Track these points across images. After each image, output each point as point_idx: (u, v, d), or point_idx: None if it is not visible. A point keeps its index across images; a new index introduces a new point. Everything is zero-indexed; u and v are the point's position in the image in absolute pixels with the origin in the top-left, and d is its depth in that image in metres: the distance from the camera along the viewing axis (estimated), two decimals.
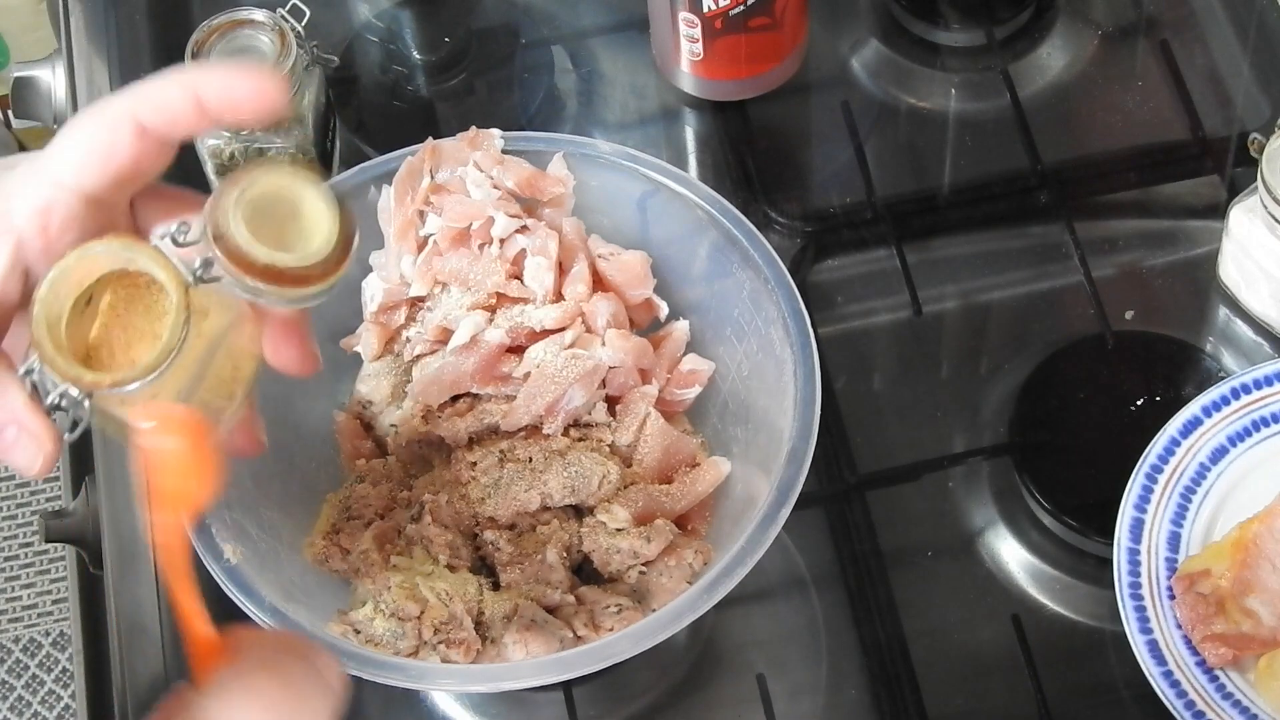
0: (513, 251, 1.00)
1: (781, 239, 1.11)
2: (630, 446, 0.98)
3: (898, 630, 0.98)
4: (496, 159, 1.02)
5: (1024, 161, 1.14)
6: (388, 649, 0.91)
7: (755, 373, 0.98)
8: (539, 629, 0.91)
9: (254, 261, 0.68)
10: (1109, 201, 1.15)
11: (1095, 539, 0.99)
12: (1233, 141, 1.14)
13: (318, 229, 0.71)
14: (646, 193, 1.02)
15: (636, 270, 1.01)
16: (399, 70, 1.21)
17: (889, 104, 1.19)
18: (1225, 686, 0.92)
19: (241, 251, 0.68)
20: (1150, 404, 1.03)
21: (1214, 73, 1.18)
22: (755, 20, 1.11)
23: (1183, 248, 1.13)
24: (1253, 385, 1.00)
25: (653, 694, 0.99)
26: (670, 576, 0.94)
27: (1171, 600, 0.94)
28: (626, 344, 0.98)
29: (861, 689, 0.98)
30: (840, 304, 1.10)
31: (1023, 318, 1.11)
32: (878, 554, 1.01)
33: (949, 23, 1.20)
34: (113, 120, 0.70)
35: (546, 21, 1.23)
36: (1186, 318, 1.09)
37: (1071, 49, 1.20)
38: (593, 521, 0.95)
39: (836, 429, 1.04)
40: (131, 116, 0.70)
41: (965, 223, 1.14)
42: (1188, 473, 0.98)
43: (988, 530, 1.02)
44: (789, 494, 0.90)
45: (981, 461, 1.04)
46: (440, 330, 0.99)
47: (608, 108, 1.19)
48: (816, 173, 1.18)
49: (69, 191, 0.70)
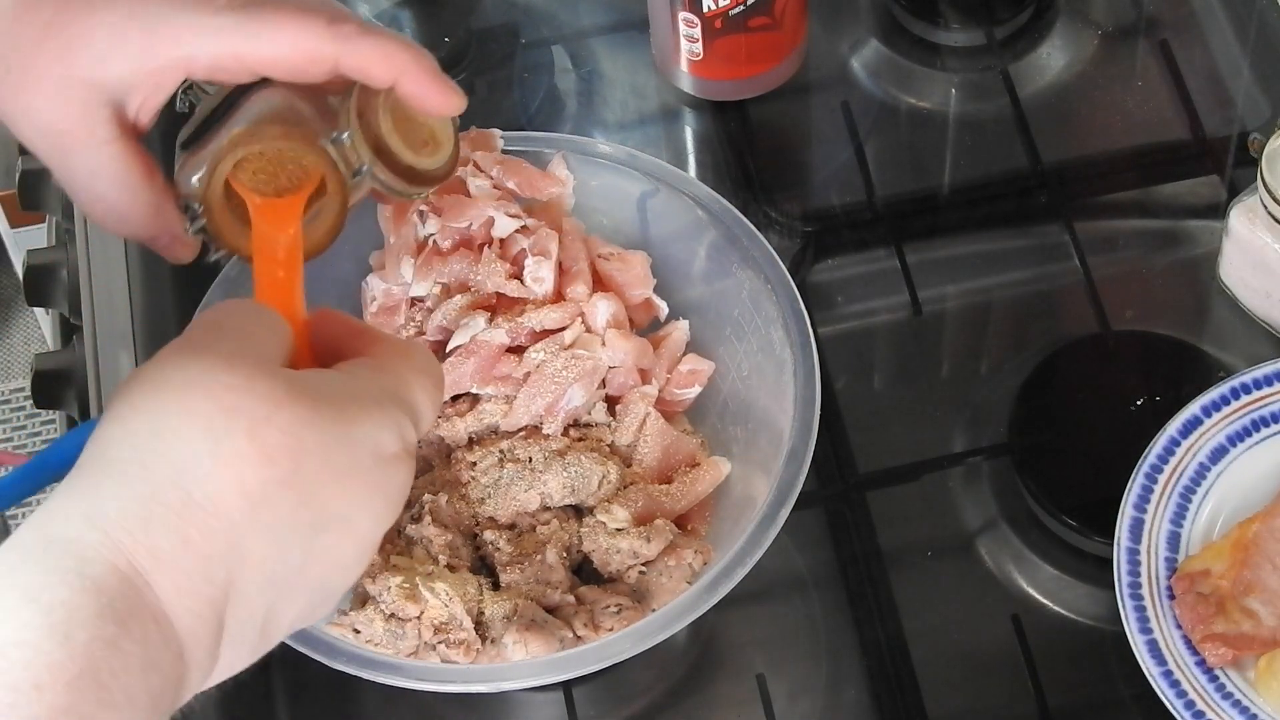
0: (513, 251, 1.00)
1: (781, 239, 1.11)
2: (630, 446, 0.98)
3: (898, 630, 0.98)
4: (496, 159, 1.02)
5: (1024, 161, 1.14)
6: (388, 649, 0.91)
7: (755, 373, 0.98)
8: (539, 629, 0.91)
9: (399, 163, 0.83)
10: (1109, 201, 1.15)
11: (1095, 539, 0.99)
12: (1233, 141, 1.14)
13: (442, 136, 0.86)
14: (646, 193, 1.02)
15: (636, 270, 1.01)
16: None
17: (889, 104, 1.19)
18: (1225, 686, 0.92)
19: (393, 156, 0.83)
20: (1150, 404, 1.03)
21: (1214, 73, 1.18)
22: (755, 20, 1.11)
23: (1183, 248, 1.13)
24: (1253, 385, 1.00)
25: (653, 694, 0.99)
26: (670, 576, 0.94)
27: (1171, 600, 0.94)
28: (626, 344, 0.98)
29: (861, 689, 0.98)
30: (840, 304, 1.10)
31: (1023, 318, 1.11)
32: (877, 554, 1.01)
33: (949, 23, 1.20)
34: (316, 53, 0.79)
35: (546, 21, 1.23)
36: (1186, 318, 1.09)
37: (1071, 49, 1.20)
38: (592, 521, 0.95)
39: (836, 429, 1.04)
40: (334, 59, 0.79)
41: (965, 223, 1.14)
42: (1187, 472, 0.98)
43: (988, 530, 1.02)
44: (789, 494, 0.90)
45: (981, 461, 1.04)
46: (440, 330, 0.99)
47: (608, 108, 1.19)
48: (816, 173, 1.18)
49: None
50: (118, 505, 0.61)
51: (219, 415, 0.63)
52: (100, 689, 0.57)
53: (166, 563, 0.61)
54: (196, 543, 0.61)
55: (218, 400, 0.63)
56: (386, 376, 0.70)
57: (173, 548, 0.61)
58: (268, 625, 0.65)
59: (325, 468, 0.65)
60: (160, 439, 0.63)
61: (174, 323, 1.08)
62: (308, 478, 0.64)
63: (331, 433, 0.65)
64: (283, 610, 0.66)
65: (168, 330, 1.08)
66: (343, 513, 0.66)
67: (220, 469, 0.62)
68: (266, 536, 0.63)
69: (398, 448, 0.68)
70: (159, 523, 0.61)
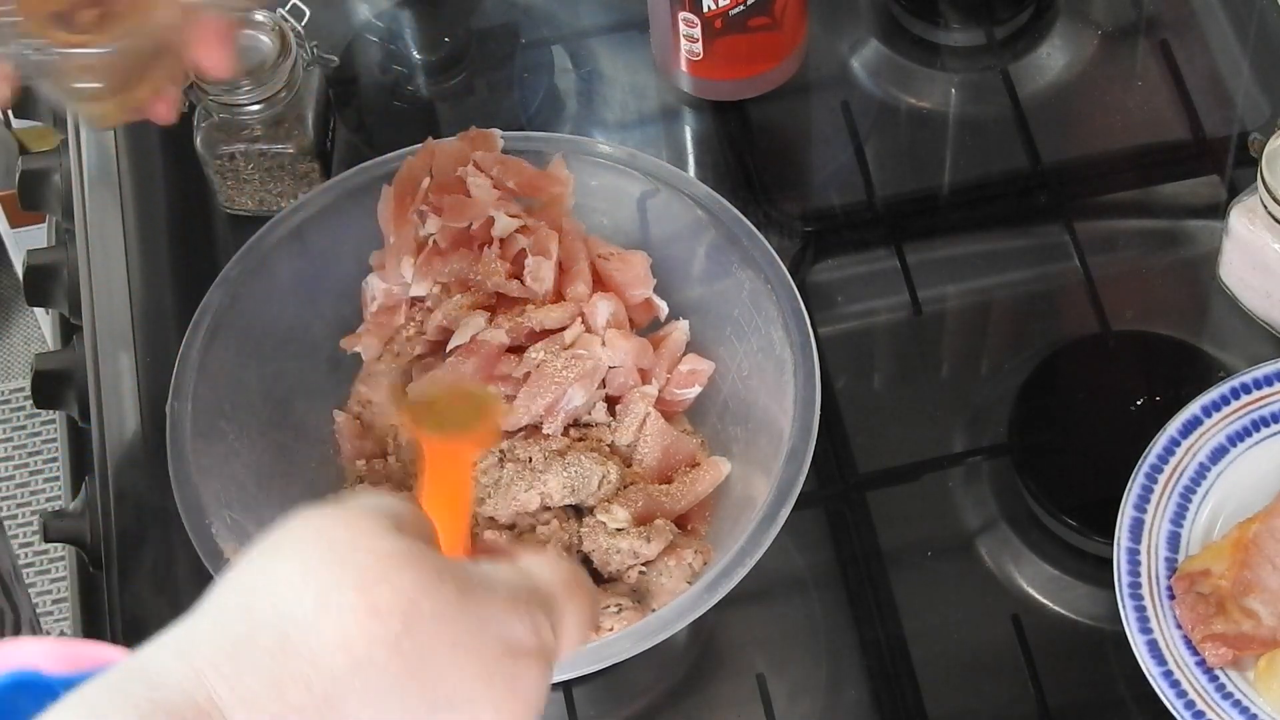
0: (513, 251, 1.00)
1: (781, 239, 1.11)
2: (630, 446, 0.98)
3: (898, 630, 0.98)
4: (496, 159, 1.02)
5: (1024, 161, 1.14)
6: None
7: (755, 373, 0.98)
8: None
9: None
10: (1109, 201, 1.15)
11: (1095, 539, 0.99)
12: (1233, 141, 1.14)
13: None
14: (646, 193, 1.02)
15: (636, 270, 1.01)
16: (399, 70, 1.21)
17: (889, 104, 1.19)
18: (1225, 686, 0.92)
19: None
20: (1150, 404, 1.03)
21: (1214, 73, 1.18)
22: (755, 20, 1.11)
23: (1183, 248, 1.13)
24: (1252, 385, 1.00)
25: (653, 694, 0.99)
26: (670, 576, 0.94)
27: (1171, 600, 0.94)
28: (626, 344, 0.98)
29: (861, 689, 0.98)
30: (840, 304, 1.10)
31: (1023, 318, 1.11)
32: (877, 554, 1.01)
33: (949, 23, 1.20)
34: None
35: (546, 21, 1.23)
36: (1186, 318, 1.09)
37: (1071, 49, 1.20)
38: (592, 521, 0.95)
39: (836, 429, 1.04)
40: None
41: (965, 223, 1.14)
42: (1187, 473, 0.98)
43: (988, 530, 1.02)
44: (789, 494, 0.90)
45: (981, 461, 1.04)
46: (440, 330, 0.99)
47: (608, 108, 1.19)
48: (816, 173, 1.18)
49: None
50: (210, 641, 0.57)
51: (332, 567, 0.59)
52: None
53: (249, 702, 0.56)
54: (287, 689, 0.57)
55: (334, 553, 0.59)
56: (528, 577, 0.65)
57: (260, 689, 0.56)
58: None
59: (442, 640, 0.59)
60: (267, 586, 0.59)
61: (174, 323, 1.08)
62: (420, 644, 0.59)
63: (454, 605, 0.60)
64: None
65: (168, 330, 1.08)
66: (461, 697, 0.60)
67: (324, 619, 0.57)
68: (367, 699, 0.58)
69: (532, 644, 0.62)
70: (249, 661, 0.57)
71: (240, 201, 1.12)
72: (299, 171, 1.10)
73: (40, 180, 1.21)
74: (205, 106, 1.08)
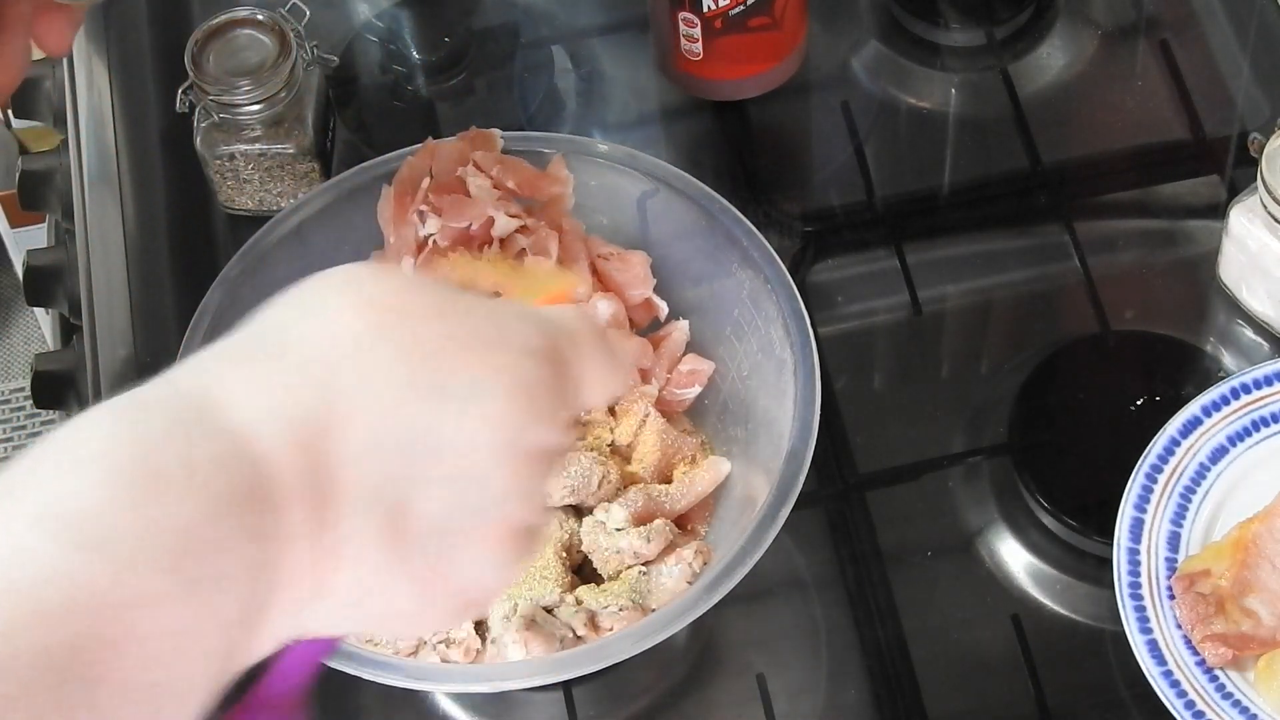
0: (513, 251, 1.00)
1: (781, 239, 1.11)
2: (630, 446, 0.98)
3: (898, 630, 0.98)
4: (496, 159, 1.02)
5: (1024, 161, 1.14)
6: (388, 649, 0.91)
7: (755, 373, 0.98)
8: (539, 629, 0.91)
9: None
10: (1109, 201, 1.14)
11: (1095, 539, 0.99)
12: (1233, 141, 1.14)
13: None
14: (646, 193, 1.02)
15: (636, 270, 1.01)
16: (399, 70, 1.21)
17: (889, 104, 1.19)
18: (1225, 686, 0.92)
19: None
20: (1150, 404, 1.03)
21: (1214, 73, 1.18)
22: (755, 20, 1.11)
23: (1183, 248, 1.13)
24: (1252, 385, 1.00)
25: (653, 694, 0.99)
26: (670, 576, 0.94)
27: (1171, 600, 0.94)
28: (626, 344, 0.98)
29: (861, 689, 0.98)
30: (840, 304, 1.10)
31: (1023, 318, 1.11)
32: (877, 554, 1.01)
33: (949, 23, 1.20)
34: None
35: (546, 21, 1.23)
36: (1186, 318, 1.09)
37: (1071, 49, 1.20)
38: (592, 521, 0.95)
39: (836, 429, 1.04)
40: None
41: (965, 223, 1.14)
42: (1187, 473, 0.98)
43: (988, 530, 1.02)
44: (789, 494, 0.90)
45: (981, 461, 1.04)
46: None
47: (608, 108, 1.19)
48: (816, 173, 1.18)
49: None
50: (211, 352, 0.60)
51: (329, 285, 0.62)
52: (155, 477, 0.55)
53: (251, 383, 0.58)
54: (290, 373, 0.59)
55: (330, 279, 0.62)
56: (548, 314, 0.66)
57: (261, 374, 0.59)
58: (395, 513, 0.59)
59: (437, 328, 0.61)
60: (271, 314, 0.62)
61: (174, 323, 1.08)
62: (414, 330, 0.60)
63: (450, 300, 0.62)
64: (414, 497, 0.59)
65: (168, 330, 1.08)
66: (462, 385, 0.60)
67: (320, 322, 0.61)
68: (364, 379, 0.59)
69: (539, 344, 0.63)
70: (246, 358, 0.60)
71: (240, 201, 1.12)
72: (299, 171, 1.10)
73: (40, 180, 1.21)
74: (205, 106, 1.08)
